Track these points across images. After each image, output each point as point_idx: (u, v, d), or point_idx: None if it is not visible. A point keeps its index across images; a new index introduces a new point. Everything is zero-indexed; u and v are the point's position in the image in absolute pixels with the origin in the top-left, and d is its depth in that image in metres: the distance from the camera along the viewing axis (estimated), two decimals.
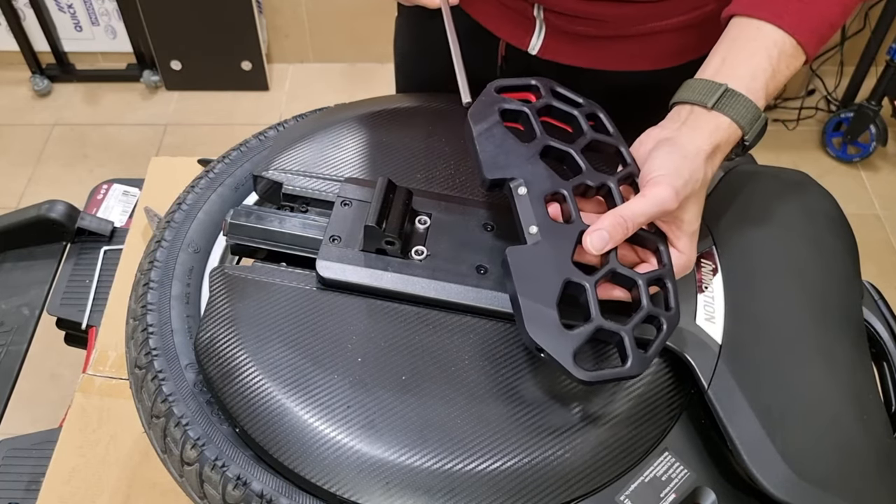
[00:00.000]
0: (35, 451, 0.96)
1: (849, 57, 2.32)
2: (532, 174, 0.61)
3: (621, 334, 0.56)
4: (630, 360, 0.55)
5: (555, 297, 0.56)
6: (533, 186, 0.60)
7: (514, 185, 0.60)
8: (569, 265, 0.58)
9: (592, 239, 0.58)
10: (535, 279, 0.57)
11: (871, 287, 0.76)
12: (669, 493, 0.58)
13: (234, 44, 2.32)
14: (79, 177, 2.20)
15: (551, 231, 0.59)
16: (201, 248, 0.71)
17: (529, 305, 0.56)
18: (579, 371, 0.54)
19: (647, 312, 0.57)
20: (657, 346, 0.56)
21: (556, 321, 0.55)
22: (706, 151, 0.60)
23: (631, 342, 0.56)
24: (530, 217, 0.59)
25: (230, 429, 0.59)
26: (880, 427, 0.62)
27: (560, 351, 0.54)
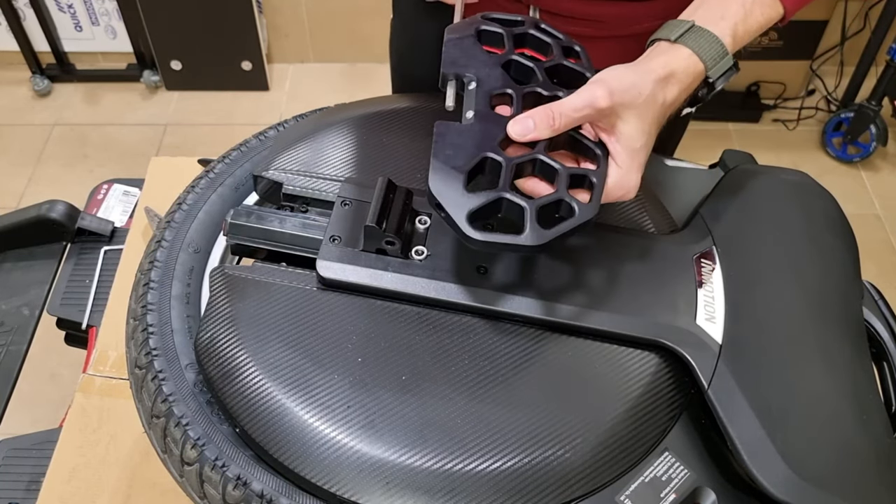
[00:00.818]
0: (35, 451, 0.96)
1: (849, 57, 2.32)
2: (487, 75, 0.61)
3: (523, 206, 0.55)
4: (527, 230, 0.54)
5: (467, 165, 0.56)
6: (483, 84, 0.61)
7: (466, 80, 0.61)
8: (493, 145, 0.57)
9: (515, 124, 0.58)
10: (453, 147, 0.57)
11: (871, 287, 0.76)
12: (669, 493, 0.58)
13: (234, 44, 2.32)
14: (79, 177, 2.20)
15: (486, 118, 0.59)
16: (201, 248, 0.71)
17: (439, 166, 0.56)
18: (469, 230, 0.53)
19: (559, 196, 0.56)
20: (563, 226, 0.55)
21: (460, 181, 0.55)
22: (658, 73, 0.60)
23: (532, 216, 0.55)
24: (470, 104, 0.60)
25: (230, 429, 0.59)
26: (880, 427, 0.62)
27: (456, 207, 0.54)
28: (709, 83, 0.63)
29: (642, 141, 0.60)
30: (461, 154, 0.57)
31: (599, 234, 0.68)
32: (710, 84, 0.63)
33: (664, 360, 0.62)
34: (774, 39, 2.30)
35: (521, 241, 0.54)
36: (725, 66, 0.62)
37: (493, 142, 0.57)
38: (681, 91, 0.61)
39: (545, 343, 0.62)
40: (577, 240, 0.67)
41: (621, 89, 0.58)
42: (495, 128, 0.58)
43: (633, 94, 0.58)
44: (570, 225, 0.55)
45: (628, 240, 0.68)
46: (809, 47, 2.34)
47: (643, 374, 0.61)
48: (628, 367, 0.61)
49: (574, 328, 0.62)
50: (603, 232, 0.68)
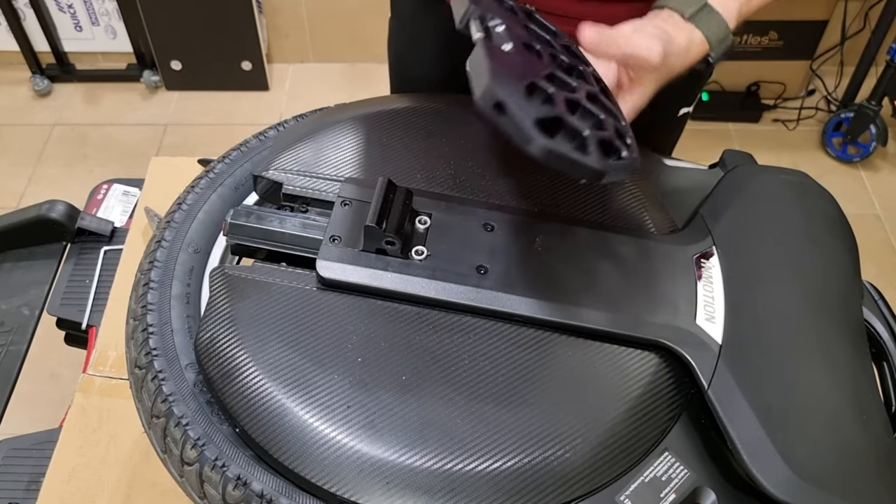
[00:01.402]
0: (35, 451, 0.96)
1: (849, 57, 2.32)
2: (512, 24, 0.58)
3: (585, 133, 0.52)
4: (592, 153, 0.52)
5: (524, 80, 0.52)
6: (512, 31, 0.58)
7: (493, 24, 0.58)
8: (538, 74, 0.55)
9: (589, 30, 0.60)
10: (506, 62, 0.53)
11: (871, 287, 0.76)
12: (669, 493, 0.58)
13: (234, 44, 2.32)
14: (79, 177, 2.20)
15: (525, 53, 0.56)
16: (201, 248, 0.71)
17: (498, 69, 0.51)
18: (539, 135, 0.50)
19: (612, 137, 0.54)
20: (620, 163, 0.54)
21: (521, 88, 0.52)
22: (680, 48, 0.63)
23: (594, 141, 0.53)
24: (505, 39, 0.56)
25: (230, 429, 0.59)
26: (880, 427, 0.62)
27: (521, 110, 0.50)
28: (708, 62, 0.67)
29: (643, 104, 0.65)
30: (515, 70, 0.53)
31: (599, 234, 0.68)
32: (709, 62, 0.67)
33: (664, 360, 0.62)
34: (774, 39, 2.30)
35: (587, 161, 0.51)
36: (725, 46, 0.66)
37: (538, 73, 0.55)
38: (686, 67, 0.66)
39: (545, 343, 0.62)
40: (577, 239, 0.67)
41: (668, 55, 0.61)
42: (536, 63, 0.56)
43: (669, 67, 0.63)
44: (625, 165, 0.54)
45: (628, 240, 0.68)
46: (809, 47, 2.34)
47: (643, 374, 0.61)
48: (628, 367, 0.61)
49: (574, 328, 0.62)
50: (603, 232, 0.68)
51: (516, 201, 0.71)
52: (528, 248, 0.66)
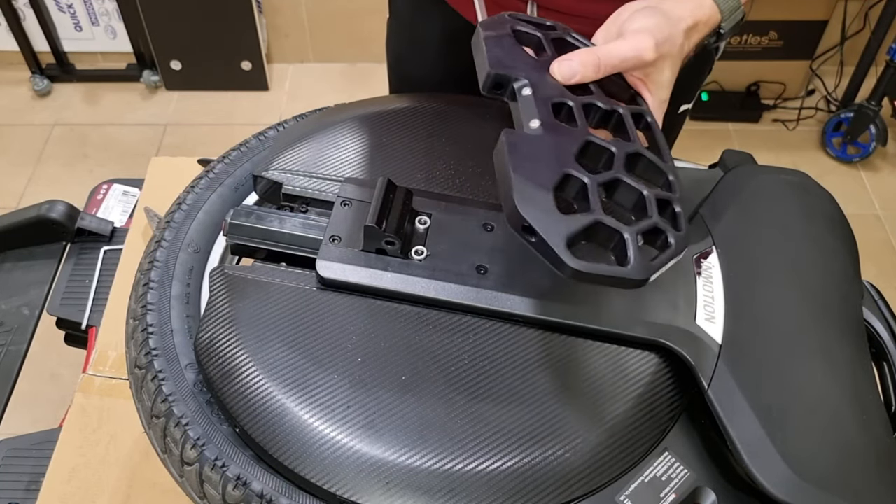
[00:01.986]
0: (35, 451, 0.96)
1: (849, 57, 2.32)
2: (539, 80, 0.57)
3: (624, 234, 0.50)
4: (632, 261, 0.49)
5: (552, 181, 0.50)
6: (539, 90, 0.56)
7: (518, 86, 0.57)
8: (570, 160, 0.52)
9: (560, 64, 0.57)
10: (531, 160, 0.51)
11: (871, 287, 0.76)
12: (669, 493, 0.58)
13: (234, 44, 2.32)
14: (79, 177, 2.20)
15: (554, 128, 0.54)
16: (201, 248, 0.71)
17: (523, 183, 0.49)
18: (571, 259, 0.48)
19: (655, 224, 0.51)
20: (664, 258, 0.51)
21: (550, 201, 0.49)
22: (687, 22, 0.61)
23: (634, 243, 0.50)
24: (532, 112, 0.54)
25: (230, 429, 0.59)
26: (880, 427, 0.62)
27: (551, 232, 0.48)
28: (719, 33, 0.65)
29: (669, 91, 0.62)
30: (542, 169, 0.51)
31: None
32: (721, 35, 0.65)
33: (664, 360, 0.62)
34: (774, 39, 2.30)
35: (627, 273, 0.49)
36: (737, 18, 0.65)
37: (570, 156, 0.53)
38: (698, 40, 0.63)
39: (545, 343, 0.62)
40: None
41: (663, 40, 0.59)
42: (567, 140, 0.54)
43: (671, 46, 0.60)
44: (671, 256, 0.51)
45: None
46: (809, 47, 2.34)
47: (643, 374, 0.61)
48: (628, 367, 0.61)
49: (574, 328, 0.62)
50: None
51: None
52: (528, 248, 0.66)
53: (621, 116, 0.59)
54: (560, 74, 0.58)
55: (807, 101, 2.43)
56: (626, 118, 0.58)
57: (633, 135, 0.58)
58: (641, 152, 0.57)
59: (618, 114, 0.59)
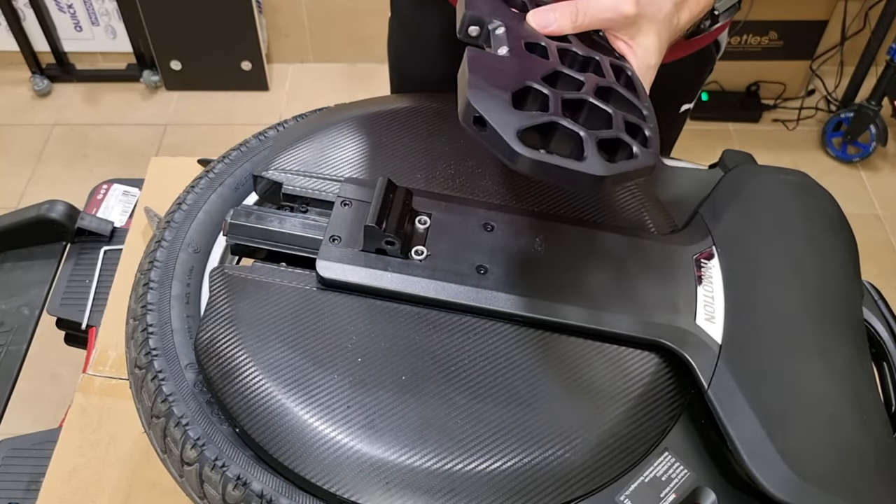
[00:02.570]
0: (35, 451, 0.96)
1: (849, 57, 2.32)
2: (515, 24, 0.56)
3: (582, 134, 0.48)
4: (589, 157, 0.47)
5: (511, 87, 0.49)
6: (513, 32, 0.56)
7: (493, 27, 0.56)
8: (536, 77, 0.51)
9: (536, 15, 0.56)
10: (492, 71, 0.50)
11: (871, 287, 0.76)
12: (669, 493, 0.58)
13: (234, 44, 2.32)
14: (79, 177, 2.20)
15: (523, 55, 0.53)
16: (201, 248, 0.71)
17: (478, 81, 0.48)
18: (519, 145, 0.46)
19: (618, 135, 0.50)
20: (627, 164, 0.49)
21: (505, 99, 0.48)
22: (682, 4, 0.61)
23: (593, 145, 0.48)
24: (502, 43, 0.54)
25: (230, 429, 0.59)
26: (880, 427, 0.62)
27: (502, 123, 0.46)
28: (714, 15, 0.66)
29: (656, 58, 0.61)
30: (501, 77, 0.50)
31: (599, 234, 0.68)
32: (715, 16, 0.66)
33: (664, 360, 0.62)
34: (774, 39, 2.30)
35: (582, 167, 0.46)
36: (731, 2, 0.65)
37: (535, 75, 0.51)
38: (690, 17, 0.63)
39: (545, 343, 0.62)
40: (577, 240, 0.67)
41: (646, 1, 0.59)
42: (534, 65, 0.53)
43: (655, 9, 0.59)
44: (635, 165, 0.49)
45: (628, 240, 0.68)
46: (809, 47, 2.34)
47: (643, 374, 0.61)
48: (628, 367, 0.61)
49: (574, 328, 0.62)
50: (603, 232, 0.68)
51: (516, 201, 0.71)
52: (528, 248, 0.66)
53: (598, 63, 0.57)
54: (536, 23, 0.57)
55: (807, 101, 2.43)
56: (602, 63, 0.57)
57: (610, 77, 0.56)
58: (615, 87, 0.55)
59: (595, 61, 0.57)
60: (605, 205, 0.72)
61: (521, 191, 0.71)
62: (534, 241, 0.66)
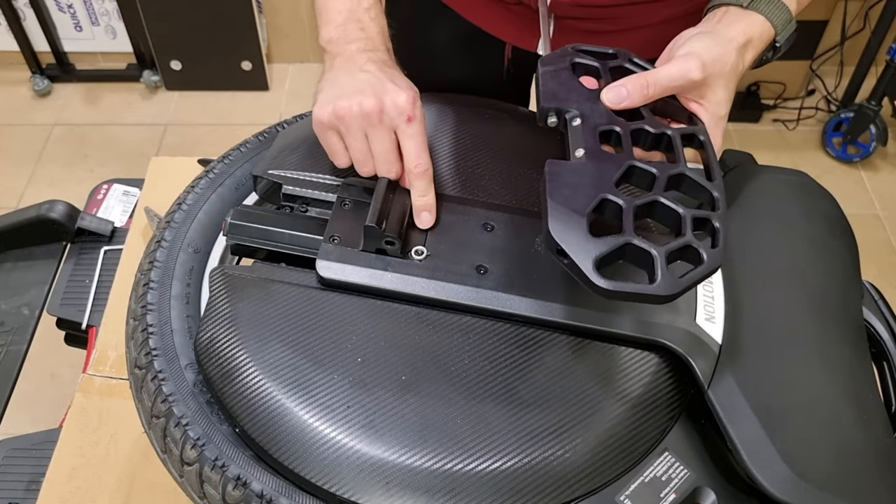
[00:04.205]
0: (35, 451, 0.96)
1: (849, 57, 2.32)
2: (590, 109, 0.60)
3: (652, 253, 0.52)
4: (659, 278, 0.51)
5: (587, 206, 0.53)
6: (588, 119, 0.59)
7: (570, 117, 0.59)
8: (609, 185, 0.55)
9: (609, 91, 0.59)
10: (569, 187, 0.54)
11: (871, 287, 0.76)
12: (669, 493, 0.58)
13: (234, 44, 2.32)
14: (79, 177, 2.20)
15: (598, 155, 0.57)
16: (201, 248, 0.71)
17: (558, 207, 0.53)
18: (598, 278, 0.50)
19: (687, 242, 0.53)
20: (694, 274, 0.52)
21: (583, 225, 0.52)
22: (739, 41, 0.62)
23: (663, 263, 0.52)
24: (579, 141, 0.57)
25: (230, 429, 0.59)
26: (880, 427, 0.62)
27: (581, 254, 0.51)
28: (776, 47, 0.66)
29: (727, 108, 0.63)
30: (579, 195, 0.54)
31: None
32: (777, 48, 0.66)
33: (664, 360, 0.62)
34: None
35: (654, 290, 0.51)
36: (791, 30, 0.66)
37: (609, 182, 0.55)
38: (754, 56, 0.65)
39: (545, 343, 0.62)
40: None
41: (712, 60, 0.60)
42: (609, 166, 0.56)
43: (722, 65, 0.61)
44: (701, 273, 0.52)
45: None
46: (809, 47, 2.34)
47: (643, 374, 0.61)
48: (628, 367, 0.61)
49: (574, 328, 0.62)
50: None
51: (516, 201, 0.71)
52: (528, 248, 0.66)
53: (670, 138, 0.59)
54: (609, 100, 0.60)
55: (807, 101, 2.43)
56: (674, 139, 0.59)
57: (680, 155, 0.58)
58: (685, 172, 0.57)
59: (667, 136, 0.60)
60: None
61: (521, 191, 0.72)
62: (534, 241, 0.66)
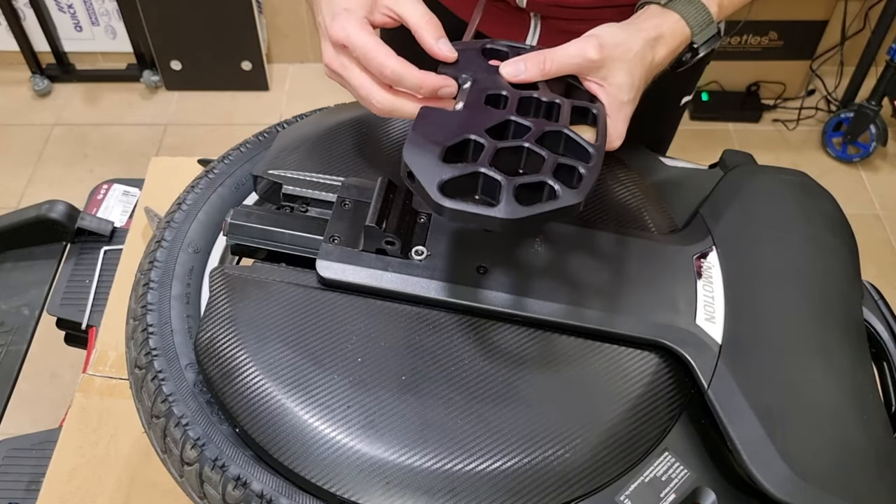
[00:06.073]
0: (35, 451, 0.96)
1: (849, 57, 2.32)
2: (485, 78, 0.61)
3: (500, 181, 0.52)
4: (501, 203, 0.51)
5: (446, 140, 0.54)
6: (478, 84, 0.60)
7: (462, 81, 0.61)
8: (479, 130, 0.56)
9: (507, 66, 0.60)
10: (435, 126, 0.56)
11: (871, 287, 0.76)
12: (669, 493, 0.58)
13: (234, 44, 2.32)
14: (79, 177, 2.20)
15: (475, 108, 0.58)
16: (201, 248, 0.71)
17: (416, 139, 0.54)
18: (438, 196, 0.51)
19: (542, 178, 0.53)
20: (540, 206, 0.52)
21: (435, 153, 0.53)
22: (648, 33, 0.63)
23: (509, 191, 0.52)
24: (462, 97, 0.59)
25: (230, 429, 0.59)
26: (880, 427, 0.62)
27: (427, 175, 0.52)
28: (693, 48, 0.67)
29: (630, 95, 0.63)
30: (442, 132, 0.56)
31: (599, 234, 0.68)
32: (695, 49, 0.67)
33: (664, 360, 0.62)
34: (774, 39, 2.30)
35: (492, 212, 0.51)
36: (710, 34, 0.66)
37: (479, 128, 0.56)
38: (668, 53, 0.65)
39: (545, 343, 0.62)
40: (577, 240, 0.67)
41: (612, 44, 0.61)
42: (483, 117, 0.57)
43: (623, 50, 0.62)
44: (549, 207, 0.52)
45: (628, 240, 0.68)
46: (809, 47, 2.34)
47: (643, 374, 0.61)
48: (628, 367, 0.61)
49: (574, 328, 0.62)
50: (603, 232, 0.68)
51: None
52: (528, 248, 0.66)
53: (559, 107, 0.60)
54: (507, 73, 0.61)
55: (807, 101, 2.43)
56: (563, 106, 0.60)
57: (565, 118, 0.59)
58: (564, 130, 0.58)
59: (557, 105, 0.60)
60: (605, 205, 0.72)
61: None
62: (534, 241, 0.66)
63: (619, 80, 0.62)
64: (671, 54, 0.66)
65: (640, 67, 0.63)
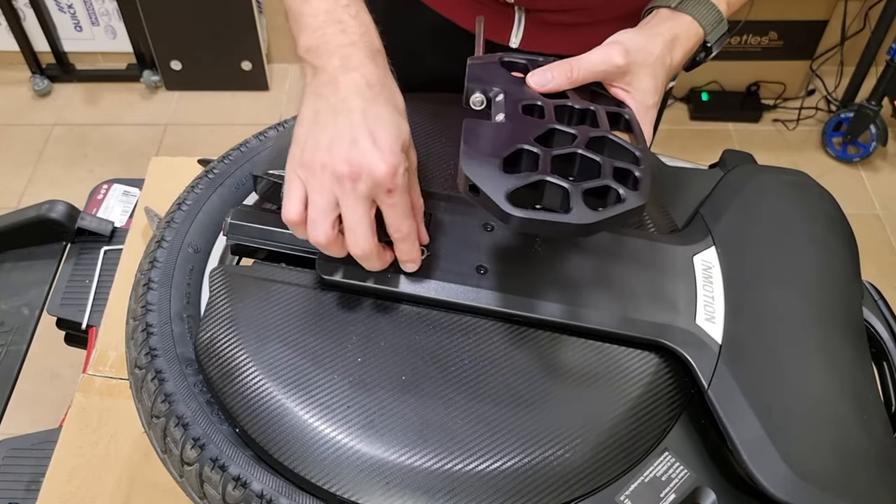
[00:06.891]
0: (35, 451, 0.96)
1: (849, 57, 2.32)
2: (514, 90, 0.61)
3: (568, 188, 0.52)
4: (574, 209, 0.51)
5: (502, 152, 0.54)
6: (511, 96, 0.60)
7: (493, 95, 0.61)
8: (528, 138, 0.56)
9: (534, 75, 0.60)
10: (485, 139, 0.55)
11: (871, 287, 0.76)
12: (669, 493, 0.58)
13: (234, 44, 2.32)
14: (79, 177, 2.20)
15: (517, 119, 0.58)
16: (201, 248, 0.71)
17: (471, 152, 0.54)
18: (509, 207, 0.50)
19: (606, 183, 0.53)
20: (612, 210, 0.52)
21: (495, 164, 0.53)
22: (665, 36, 0.64)
23: (579, 196, 0.52)
24: (500, 110, 0.58)
25: (230, 429, 0.59)
26: (880, 427, 0.62)
27: (493, 186, 0.51)
28: (706, 47, 0.68)
29: (655, 98, 0.64)
30: (493, 143, 0.55)
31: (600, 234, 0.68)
32: (708, 48, 0.68)
33: (664, 360, 0.62)
34: (774, 39, 2.31)
35: (567, 219, 0.51)
36: (721, 31, 0.68)
37: (528, 137, 0.56)
38: (684, 54, 0.66)
39: (545, 343, 0.62)
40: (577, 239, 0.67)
41: (635, 49, 0.62)
42: (527, 126, 0.57)
43: (646, 54, 0.63)
44: (618, 210, 0.53)
45: (628, 240, 0.68)
46: (809, 47, 2.34)
47: (643, 374, 0.61)
48: (628, 367, 0.61)
49: (574, 328, 0.62)
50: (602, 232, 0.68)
51: None
52: (528, 248, 0.66)
53: (594, 113, 0.60)
54: (534, 83, 0.61)
55: (807, 101, 2.43)
56: (598, 113, 0.60)
57: (604, 123, 0.60)
58: (608, 136, 0.58)
59: (591, 111, 0.61)
60: None
61: None
62: (534, 241, 0.66)
63: (644, 84, 0.63)
64: (687, 55, 0.67)
65: (662, 70, 0.64)
